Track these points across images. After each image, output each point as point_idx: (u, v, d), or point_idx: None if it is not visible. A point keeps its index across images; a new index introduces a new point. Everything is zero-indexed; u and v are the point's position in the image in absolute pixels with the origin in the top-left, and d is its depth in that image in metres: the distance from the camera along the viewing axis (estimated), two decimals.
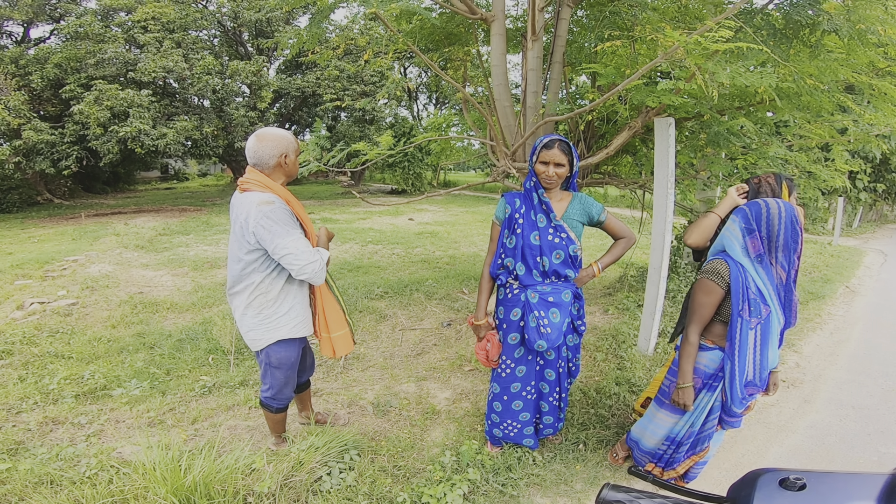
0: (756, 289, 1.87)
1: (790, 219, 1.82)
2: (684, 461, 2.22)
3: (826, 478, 0.69)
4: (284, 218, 1.94)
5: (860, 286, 7.06)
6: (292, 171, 2.11)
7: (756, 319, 1.88)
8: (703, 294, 1.94)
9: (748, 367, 1.93)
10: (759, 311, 1.87)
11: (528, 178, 2.23)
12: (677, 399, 2.04)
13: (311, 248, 1.98)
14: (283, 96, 17.64)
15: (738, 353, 1.91)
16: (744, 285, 1.87)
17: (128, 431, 2.78)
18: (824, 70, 2.57)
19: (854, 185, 12.73)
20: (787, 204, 1.85)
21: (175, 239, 9.15)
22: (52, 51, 12.90)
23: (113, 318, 4.63)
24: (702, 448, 2.17)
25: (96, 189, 19.25)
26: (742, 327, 1.88)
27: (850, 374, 3.87)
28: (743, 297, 1.86)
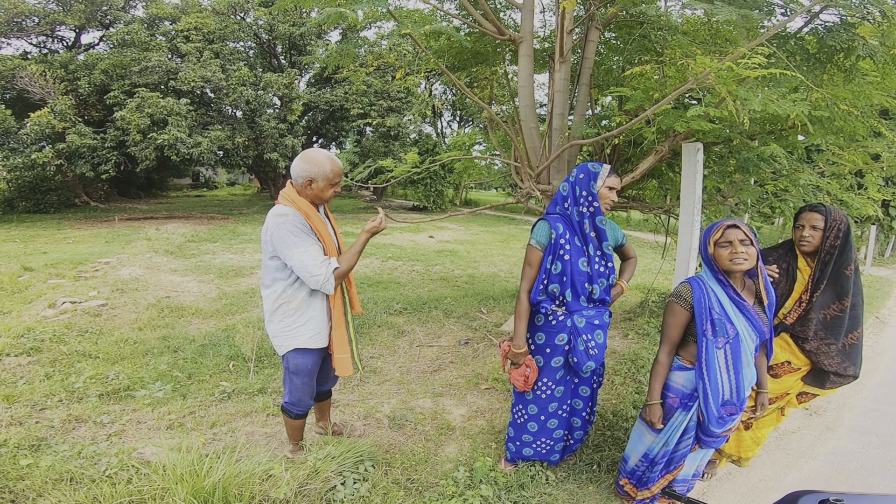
0: (721, 308, 1.92)
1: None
2: (658, 480, 2.20)
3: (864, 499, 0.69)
4: (296, 230, 2.02)
5: (890, 317, 6.82)
6: (318, 196, 2.14)
7: (723, 339, 1.91)
8: (669, 315, 2.03)
9: (722, 386, 1.94)
10: (724, 330, 1.90)
11: (581, 203, 2.20)
12: (645, 416, 2.10)
13: (318, 260, 2.01)
14: (312, 109, 18.03)
15: (708, 373, 1.94)
16: (707, 306, 1.92)
17: (148, 433, 2.83)
18: (858, 94, 2.54)
19: (887, 213, 12.32)
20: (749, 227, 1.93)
21: (203, 246, 9.39)
22: (101, 57, 13.45)
23: (140, 321, 4.76)
24: (676, 466, 2.17)
25: (131, 194, 19.93)
26: (708, 347, 1.92)
27: (876, 402, 3.79)
28: (706, 318, 1.92)
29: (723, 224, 1.93)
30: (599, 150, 4.47)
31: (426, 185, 19.02)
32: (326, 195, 2.14)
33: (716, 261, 1.93)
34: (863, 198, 3.95)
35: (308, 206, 2.13)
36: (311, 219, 2.10)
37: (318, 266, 2.01)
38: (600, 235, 2.22)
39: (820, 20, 2.70)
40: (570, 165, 4.08)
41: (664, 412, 2.09)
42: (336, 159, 2.15)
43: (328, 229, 2.20)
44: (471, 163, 6.03)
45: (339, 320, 2.20)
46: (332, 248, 2.17)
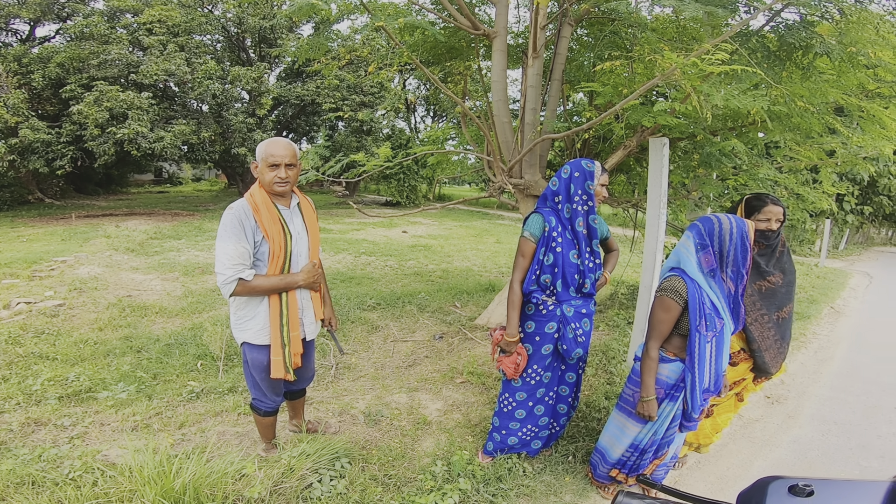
0: (710, 303, 1.96)
1: (741, 235, 1.91)
2: (648, 466, 2.28)
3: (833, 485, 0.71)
4: (230, 225, 1.97)
5: (845, 307, 7.18)
6: (264, 182, 2.06)
7: (712, 333, 1.95)
8: (663, 311, 2.01)
9: (707, 377, 2.01)
10: (714, 324, 1.95)
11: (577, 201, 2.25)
12: (641, 411, 2.11)
13: (233, 260, 1.93)
14: (283, 104, 17.64)
15: (698, 366, 1.98)
16: (700, 301, 1.93)
17: (113, 434, 2.73)
18: (815, 92, 2.66)
19: (841, 207, 12.99)
20: (738, 220, 1.93)
21: (166, 243, 9.08)
22: (56, 50, 12.82)
23: (100, 321, 4.57)
24: (663, 452, 2.25)
25: (88, 190, 19.06)
26: (700, 342, 1.95)
27: (833, 391, 3.94)
28: (700, 314, 1.93)
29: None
30: (570, 145, 4.54)
31: (399, 180, 18.91)
32: (267, 179, 2.03)
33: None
34: (818, 192, 4.15)
35: (263, 198, 2.04)
36: (259, 213, 2.02)
37: (227, 266, 1.93)
38: (591, 233, 2.30)
39: (781, 18, 2.81)
40: (542, 160, 4.13)
41: None
42: (276, 140, 2.05)
43: (279, 227, 2.06)
44: (444, 157, 6.03)
45: (273, 321, 2.11)
46: (278, 246, 2.05)
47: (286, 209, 2.16)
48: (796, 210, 4.27)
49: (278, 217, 2.08)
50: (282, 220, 2.09)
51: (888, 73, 2.80)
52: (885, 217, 16.60)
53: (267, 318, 2.13)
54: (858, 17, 2.38)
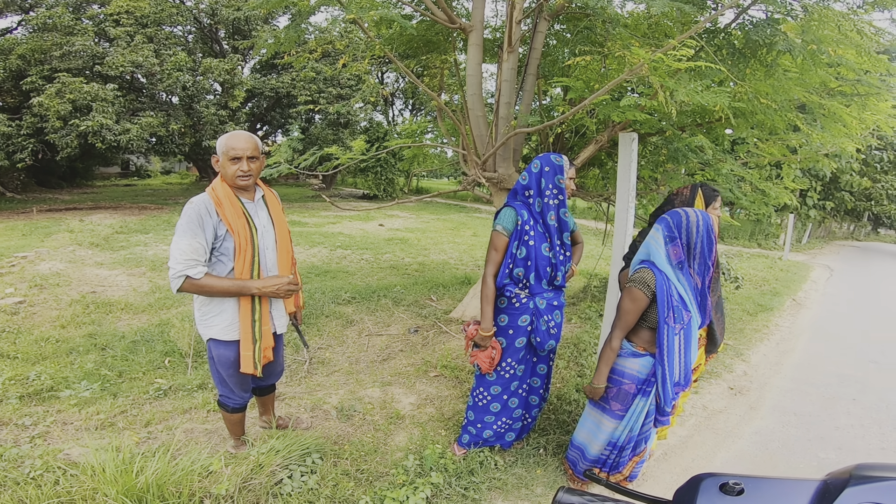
0: (678, 296, 1.99)
1: (706, 227, 1.96)
2: (628, 463, 2.31)
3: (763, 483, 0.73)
4: (188, 219, 1.93)
5: (806, 299, 7.47)
6: (226, 176, 2.02)
7: (679, 325, 1.99)
8: (630, 301, 2.04)
9: (676, 370, 2.05)
10: (681, 317, 1.99)
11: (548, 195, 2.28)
12: (588, 393, 2.20)
13: (185, 255, 1.89)
14: (257, 96, 17.31)
15: (667, 359, 2.02)
16: (668, 293, 1.97)
17: (76, 433, 2.65)
18: (778, 89, 2.73)
19: (804, 202, 13.48)
20: (703, 213, 1.99)
21: (133, 237, 8.80)
22: (18, 42, 12.32)
23: (63, 318, 4.41)
24: (641, 449, 2.28)
25: (51, 184, 18.29)
26: (668, 334, 1.99)
27: (794, 382, 4.07)
28: (668, 305, 1.96)
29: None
30: (544, 140, 4.58)
31: (376, 173, 18.76)
32: (228, 172, 2.00)
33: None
34: (780, 187, 4.29)
35: (226, 192, 2.01)
36: (222, 207, 1.98)
37: (178, 261, 1.89)
38: (562, 226, 2.33)
39: (748, 15, 2.87)
40: (516, 154, 4.16)
41: (622, 399, 2.16)
42: (236, 133, 2.01)
43: (244, 221, 2.02)
44: (420, 150, 6.01)
45: (244, 317, 2.07)
46: (244, 240, 2.00)
47: (250, 202, 2.11)
48: (761, 205, 4.42)
49: (242, 211, 2.03)
50: (246, 214, 2.04)
51: (850, 71, 2.90)
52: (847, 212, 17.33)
53: (234, 315, 2.09)
54: (821, 15, 2.45)
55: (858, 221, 21.44)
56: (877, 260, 14.41)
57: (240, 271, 2.03)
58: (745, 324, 5.59)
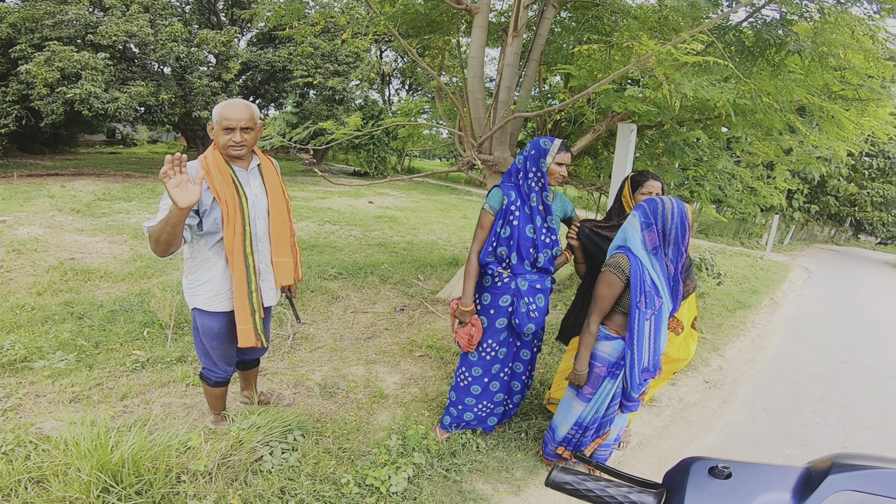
0: (651, 281, 2.02)
1: (681, 215, 1.99)
2: (590, 444, 2.36)
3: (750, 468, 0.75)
4: None
5: (784, 299, 7.62)
6: (219, 145, 1.96)
7: (651, 311, 2.02)
8: (605, 286, 2.07)
9: (645, 355, 2.07)
10: (653, 302, 2.01)
11: (531, 178, 2.29)
12: (571, 380, 2.21)
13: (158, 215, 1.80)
14: (252, 69, 16.91)
15: (637, 343, 2.05)
16: (641, 279, 2.00)
17: (49, 406, 2.59)
18: (781, 89, 2.72)
19: (790, 204, 13.67)
20: (678, 201, 2.01)
21: (116, 205, 8.58)
22: (10, 10, 11.88)
23: (39, 285, 4.29)
24: (604, 431, 2.32)
25: (33, 150, 17.76)
26: (639, 318, 2.02)
27: (766, 378, 4.17)
28: (640, 290, 2.00)
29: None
30: (542, 126, 4.52)
31: (369, 150, 18.52)
32: (221, 141, 1.94)
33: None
34: (770, 187, 4.32)
35: (217, 160, 1.95)
36: (210, 175, 1.92)
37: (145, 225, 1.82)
38: (546, 209, 2.33)
39: (761, 15, 2.83)
40: (514, 138, 4.10)
41: (593, 381, 2.19)
42: (232, 102, 1.94)
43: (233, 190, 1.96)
44: (415, 130, 5.91)
45: (239, 288, 2.02)
46: (232, 209, 1.95)
47: (243, 171, 2.05)
48: (748, 204, 4.45)
49: (232, 179, 1.97)
50: (236, 183, 1.98)
51: (855, 75, 2.89)
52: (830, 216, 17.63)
53: (222, 284, 2.04)
54: (836, 19, 2.43)
55: (840, 226, 21.87)
56: (854, 265, 14.73)
57: (230, 241, 1.97)
58: (723, 319, 5.68)
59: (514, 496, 2.34)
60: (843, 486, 0.65)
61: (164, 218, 1.74)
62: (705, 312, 5.73)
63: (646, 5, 3.80)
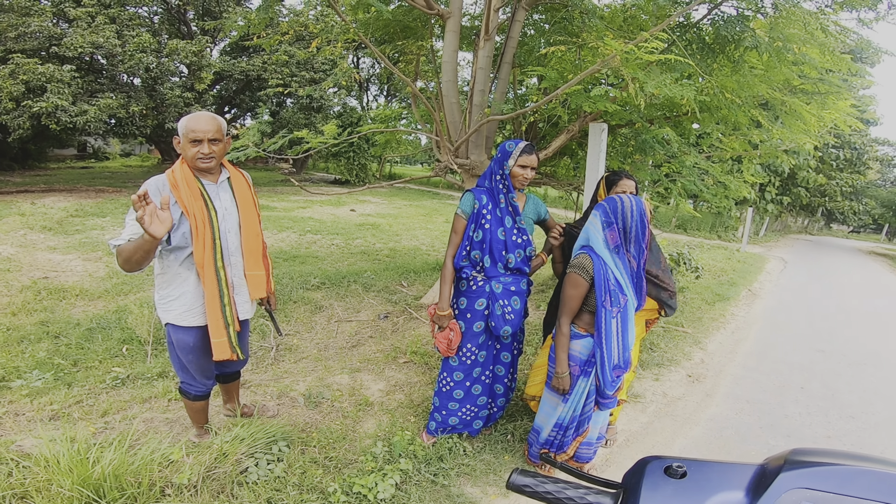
0: (615, 280, 2.07)
1: (639, 212, 2.06)
2: (572, 443, 2.39)
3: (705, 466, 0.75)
4: None
5: (761, 290, 7.81)
6: (186, 158, 1.95)
7: (616, 308, 2.07)
8: (571, 287, 2.12)
9: (614, 352, 2.12)
10: (618, 300, 2.07)
11: (497, 180, 2.34)
12: (556, 385, 2.22)
13: (126, 231, 1.80)
14: (225, 79, 16.73)
15: (605, 341, 2.10)
16: (604, 277, 2.05)
17: (28, 424, 2.53)
18: (743, 85, 2.81)
19: (763, 196, 14.04)
20: (636, 199, 2.08)
21: (89, 221, 8.41)
22: None
23: (13, 305, 4.18)
24: (583, 429, 2.35)
25: (2, 166, 17.22)
26: (606, 317, 2.07)
27: (747, 370, 4.23)
28: (605, 289, 2.05)
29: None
30: (517, 128, 4.59)
31: (349, 158, 18.44)
32: (189, 154, 1.93)
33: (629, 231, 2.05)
34: (739, 180, 4.45)
35: (185, 174, 1.94)
36: (178, 189, 1.91)
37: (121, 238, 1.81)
38: (514, 210, 2.36)
39: (720, 11, 2.93)
40: (489, 141, 4.15)
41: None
42: (198, 115, 1.94)
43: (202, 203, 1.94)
44: (393, 136, 5.93)
45: (212, 302, 2.01)
46: (201, 223, 1.93)
47: (212, 184, 2.04)
48: (722, 198, 4.57)
49: (200, 193, 1.96)
50: (205, 196, 1.97)
51: (812, 69, 3.01)
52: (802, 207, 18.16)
53: (194, 299, 2.03)
54: (789, 14, 2.53)
55: (813, 216, 22.53)
56: (828, 253, 15.19)
57: (200, 255, 1.96)
58: (703, 312, 5.80)
59: (503, 497, 2.36)
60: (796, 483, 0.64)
61: (137, 243, 1.73)
62: (685, 307, 5.84)
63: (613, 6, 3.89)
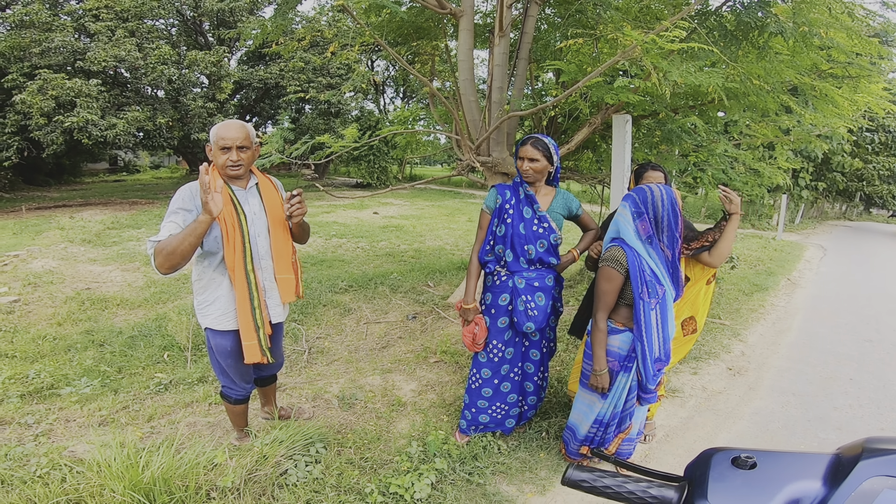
0: (650, 270, 2.02)
1: (670, 201, 2.00)
2: (613, 440, 2.35)
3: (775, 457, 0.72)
4: (174, 201, 1.96)
5: (801, 279, 7.54)
6: (217, 165, 2.03)
7: (654, 300, 2.02)
8: (606, 281, 2.07)
9: (655, 345, 2.07)
10: (655, 291, 2.02)
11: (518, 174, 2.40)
12: (594, 384, 2.18)
13: (165, 232, 1.85)
14: (245, 87, 17.14)
15: (646, 334, 2.05)
16: (640, 269, 2.01)
17: (79, 430, 2.66)
18: (770, 71, 2.73)
19: (797, 183, 13.54)
20: (666, 188, 2.02)
21: (125, 233, 8.74)
22: None
23: (59, 316, 4.39)
24: (626, 426, 2.31)
25: (39, 181, 18.07)
26: (644, 309, 2.02)
27: (791, 362, 4.09)
28: (641, 281, 2.00)
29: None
30: (538, 124, 4.55)
31: (369, 161, 18.62)
32: (219, 161, 2.01)
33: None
34: (773, 168, 4.31)
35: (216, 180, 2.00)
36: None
37: (150, 241, 1.87)
38: (531, 199, 2.38)
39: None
40: (510, 138, 4.14)
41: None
42: (228, 123, 2.00)
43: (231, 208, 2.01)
44: (413, 138, 5.97)
45: (242, 305, 2.07)
46: (231, 227, 2.00)
47: (241, 190, 2.11)
48: (754, 185, 4.43)
49: (230, 198, 2.03)
50: (234, 201, 2.04)
51: (840, 53, 2.90)
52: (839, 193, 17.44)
53: (228, 303, 2.10)
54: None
55: (850, 202, 21.60)
56: (868, 239, 14.55)
57: (230, 258, 2.03)
58: (741, 304, 5.64)
59: (539, 496, 2.35)
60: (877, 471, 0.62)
61: (187, 230, 1.81)
62: (722, 298, 5.69)
63: None
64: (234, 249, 2.02)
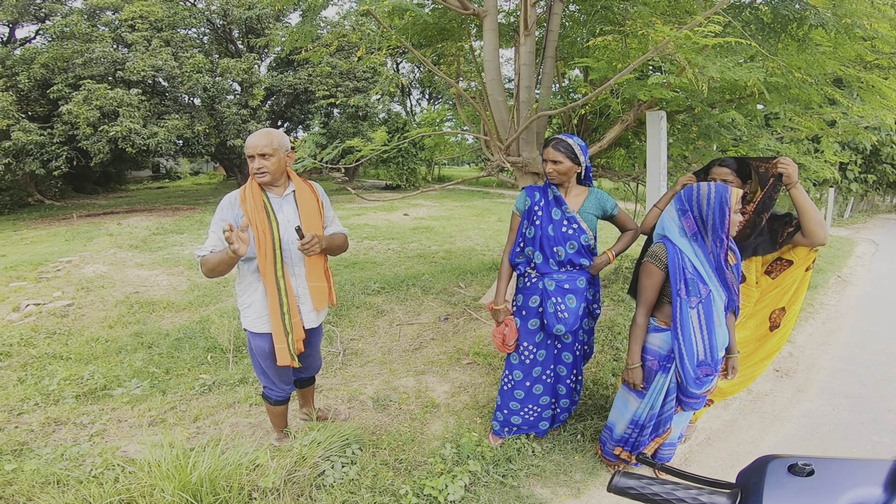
0: (693, 268, 1.95)
1: (719, 200, 1.90)
2: (649, 443, 2.29)
3: (833, 464, 0.70)
4: (216, 211, 2.12)
5: (852, 276, 7.15)
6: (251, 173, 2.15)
7: (696, 298, 1.95)
8: (645, 277, 2.06)
9: (696, 346, 1.99)
10: (697, 290, 1.94)
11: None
12: (626, 378, 2.16)
13: (208, 244, 2.03)
14: (275, 93, 17.58)
15: (682, 333, 1.98)
16: (680, 266, 1.95)
17: (130, 431, 2.80)
18: (812, 63, 2.61)
19: (845, 176, 12.84)
20: (718, 186, 1.92)
21: (169, 238, 9.12)
22: (38, 51, 12.78)
23: (110, 319, 4.63)
24: (664, 429, 2.24)
25: (87, 189, 19.09)
26: (682, 307, 1.96)
27: (843, 362, 3.90)
28: (679, 278, 1.95)
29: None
30: (567, 122, 4.50)
31: (398, 163, 18.80)
32: (250, 169, 2.12)
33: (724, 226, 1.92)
34: (820, 161, 4.11)
35: (253, 188, 2.12)
36: (245, 202, 2.10)
37: (197, 254, 2.05)
38: (559, 201, 2.36)
39: None
40: (539, 137, 4.10)
41: (645, 375, 2.15)
42: (255, 132, 2.12)
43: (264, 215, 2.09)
44: (441, 139, 6.00)
45: (273, 309, 2.14)
46: (262, 233, 2.07)
47: (276, 197, 2.18)
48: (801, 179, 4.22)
49: (263, 205, 2.11)
50: (268, 208, 2.12)
51: (885, 44, 2.75)
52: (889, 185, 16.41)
53: (263, 307, 2.17)
54: None
55: None
56: None
57: (262, 264, 2.10)
58: None
59: (573, 499, 2.33)
60: None
61: (220, 256, 1.96)
62: None
63: None
64: (265, 255, 2.10)
